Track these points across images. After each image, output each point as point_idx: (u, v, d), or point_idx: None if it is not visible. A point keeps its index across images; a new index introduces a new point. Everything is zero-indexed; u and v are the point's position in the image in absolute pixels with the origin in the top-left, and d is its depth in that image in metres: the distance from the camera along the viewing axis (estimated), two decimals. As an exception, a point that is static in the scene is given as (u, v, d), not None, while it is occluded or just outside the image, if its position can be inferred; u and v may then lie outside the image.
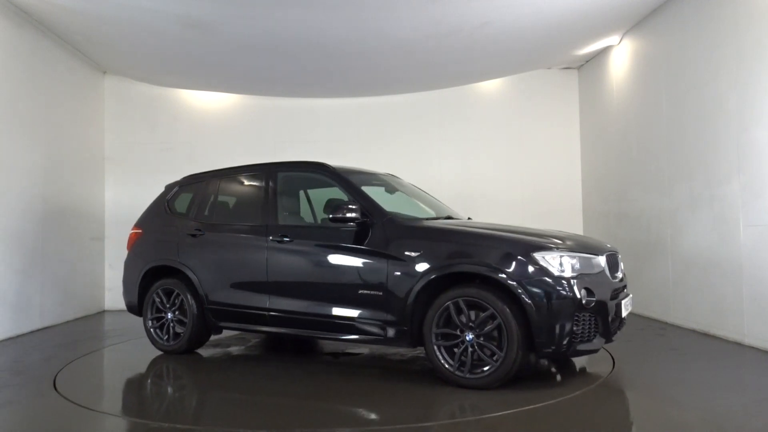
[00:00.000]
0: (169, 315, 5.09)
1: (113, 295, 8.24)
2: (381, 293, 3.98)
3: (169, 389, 4.21)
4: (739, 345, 4.87)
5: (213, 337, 5.69)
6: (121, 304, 8.11)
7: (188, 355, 5.06)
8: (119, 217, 8.31)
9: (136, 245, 5.53)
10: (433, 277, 3.80)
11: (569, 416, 3.24)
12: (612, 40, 7.18)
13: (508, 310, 3.57)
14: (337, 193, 4.66)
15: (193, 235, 5.08)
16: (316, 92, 8.48)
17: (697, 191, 5.55)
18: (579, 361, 4.41)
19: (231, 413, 3.43)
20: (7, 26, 5.95)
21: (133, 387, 4.21)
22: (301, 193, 5.26)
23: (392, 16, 5.73)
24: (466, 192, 8.24)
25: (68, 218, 7.22)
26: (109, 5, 5.53)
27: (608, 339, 3.81)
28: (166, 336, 5.10)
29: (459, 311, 3.71)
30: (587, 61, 8.23)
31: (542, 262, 3.59)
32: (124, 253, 8.21)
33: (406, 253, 3.93)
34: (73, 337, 6.05)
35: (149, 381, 4.42)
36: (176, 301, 5.07)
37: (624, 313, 3.94)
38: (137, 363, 5.02)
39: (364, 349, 5.06)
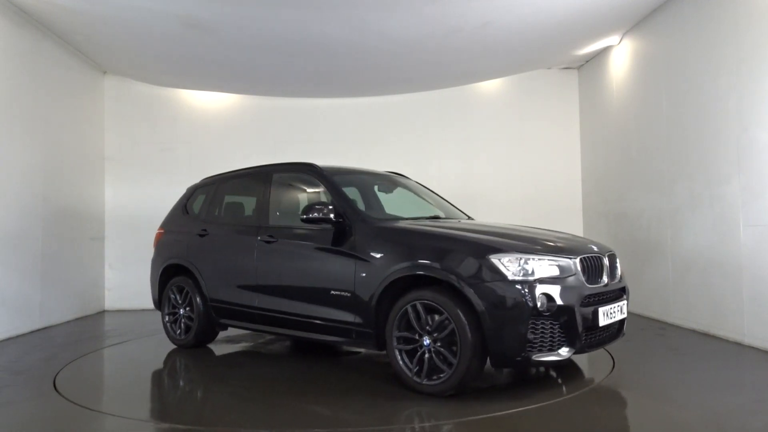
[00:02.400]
0: (181, 311, 5.35)
1: (113, 295, 8.26)
2: (349, 294, 3.96)
3: (170, 389, 4.21)
4: (739, 345, 4.87)
5: (229, 333, 5.85)
6: (121, 304, 8.22)
7: (196, 352, 5.19)
8: (119, 217, 8.33)
9: (158, 244, 5.77)
10: (392, 279, 3.72)
11: (569, 417, 3.24)
12: (612, 40, 7.18)
13: (462, 315, 3.40)
14: (353, 194, 4.82)
15: (201, 235, 5.28)
16: (316, 92, 8.48)
17: (697, 191, 5.56)
18: (579, 363, 4.41)
19: (231, 413, 3.43)
20: (7, 26, 5.95)
21: (133, 387, 4.21)
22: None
23: (392, 16, 5.74)
24: (466, 192, 8.24)
25: (68, 218, 7.22)
26: (109, 5, 5.53)
27: (580, 349, 3.49)
28: (179, 330, 5.38)
29: (418, 315, 3.60)
30: (587, 61, 8.23)
31: (498, 265, 3.38)
32: (124, 253, 8.31)
33: (371, 254, 3.89)
34: (73, 337, 6.05)
35: (150, 381, 4.41)
36: (187, 298, 5.32)
37: (603, 322, 3.57)
38: (137, 363, 5.05)
39: (361, 349, 5.06)
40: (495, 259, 3.41)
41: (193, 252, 5.31)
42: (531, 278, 3.38)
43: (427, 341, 3.56)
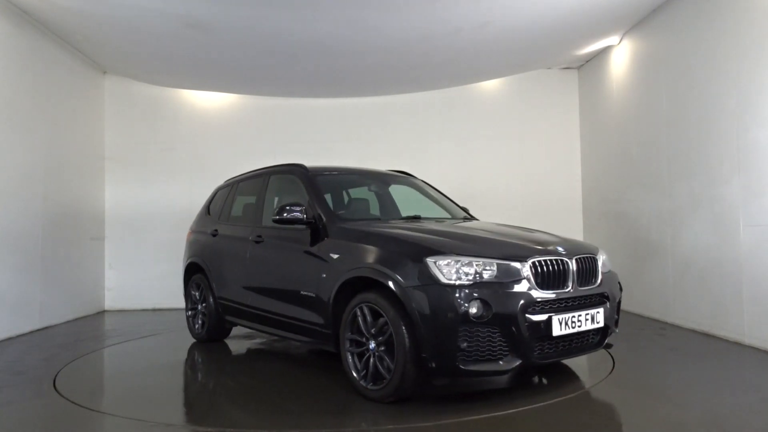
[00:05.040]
0: (199, 307, 5.60)
1: (113, 295, 8.26)
2: (314, 295, 3.98)
3: (170, 388, 4.21)
4: (739, 345, 4.87)
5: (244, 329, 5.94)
6: (121, 304, 8.21)
7: (201, 350, 5.34)
8: (119, 217, 8.33)
9: (186, 244, 6.04)
10: (343, 280, 3.68)
11: (569, 418, 3.24)
12: (612, 40, 7.18)
13: (399, 319, 3.27)
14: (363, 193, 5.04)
15: (213, 235, 5.47)
16: (316, 92, 8.48)
17: (697, 191, 5.56)
18: (579, 364, 4.40)
19: (225, 411, 3.44)
20: (6, 26, 5.95)
21: (133, 387, 4.20)
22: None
23: (392, 16, 5.73)
24: (466, 192, 8.23)
25: (68, 218, 7.22)
26: (109, 5, 5.53)
27: (530, 361, 3.25)
28: (197, 325, 5.64)
29: (365, 318, 3.52)
30: (587, 61, 8.23)
31: (432, 268, 3.22)
32: (124, 253, 8.31)
33: (330, 255, 3.88)
34: (73, 337, 6.05)
35: (149, 381, 4.40)
36: (202, 295, 5.55)
37: (560, 331, 3.29)
38: (137, 363, 5.05)
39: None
40: (431, 262, 3.26)
41: (206, 251, 5.53)
42: (466, 282, 3.18)
43: (372, 345, 3.48)
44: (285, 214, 4.09)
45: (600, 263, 3.76)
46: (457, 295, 3.14)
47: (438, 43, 6.50)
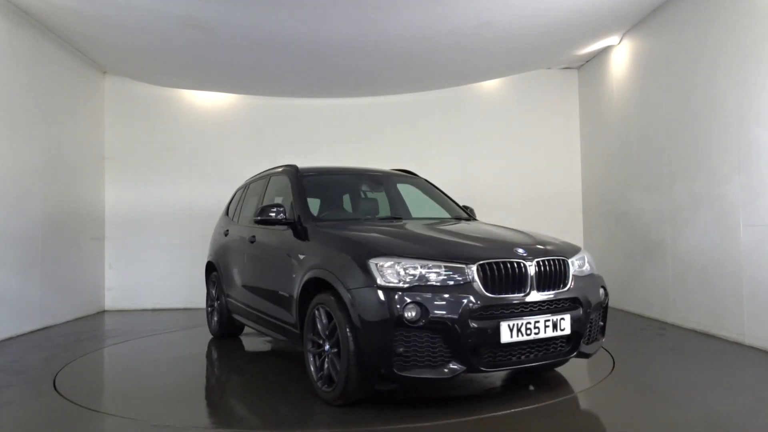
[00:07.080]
0: (215, 303, 5.80)
1: (113, 295, 8.26)
2: (288, 295, 4.00)
3: (170, 389, 4.20)
4: (739, 345, 4.87)
5: None
6: (121, 304, 8.21)
7: (203, 350, 5.43)
8: (119, 217, 8.33)
9: (210, 243, 6.23)
10: (305, 281, 3.67)
11: (569, 418, 3.24)
12: (612, 40, 7.18)
13: (345, 321, 3.21)
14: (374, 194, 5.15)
15: (225, 235, 5.66)
16: (316, 92, 8.48)
17: (697, 191, 5.56)
18: (579, 364, 4.38)
19: (232, 412, 3.43)
20: (6, 26, 5.95)
21: (134, 387, 4.20)
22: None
23: (392, 16, 5.73)
24: (466, 192, 8.22)
25: (68, 218, 7.22)
26: (109, 5, 5.53)
27: (476, 368, 3.10)
28: (212, 321, 5.88)
29: (321, 319, 3.49)
30: (587, 61, 8.23)
31: (373, 270, 3.14)
32: (124, 253, 8.30)
33: (299, 255, 3.90)
34: (73, 337, 6.05)
35: (149, 381, 4.40)
36: (217, 292, 5.74)
37: (510, 338, 3.11)
38: (137, 363, 5.05)
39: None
40: (372, 263, 3.18)
41: (219, 251, 5.74)
42: (404, 285, 3.08)
43: (327, 347, 3.45)
44: (269, 215, 4.14)
45: (574, 266, 3.53)
46: (393, 298, 3.04)
47: (438, 43, 6.50)
